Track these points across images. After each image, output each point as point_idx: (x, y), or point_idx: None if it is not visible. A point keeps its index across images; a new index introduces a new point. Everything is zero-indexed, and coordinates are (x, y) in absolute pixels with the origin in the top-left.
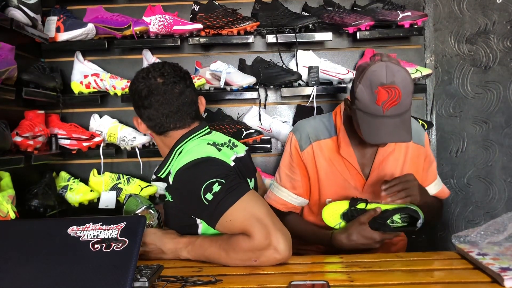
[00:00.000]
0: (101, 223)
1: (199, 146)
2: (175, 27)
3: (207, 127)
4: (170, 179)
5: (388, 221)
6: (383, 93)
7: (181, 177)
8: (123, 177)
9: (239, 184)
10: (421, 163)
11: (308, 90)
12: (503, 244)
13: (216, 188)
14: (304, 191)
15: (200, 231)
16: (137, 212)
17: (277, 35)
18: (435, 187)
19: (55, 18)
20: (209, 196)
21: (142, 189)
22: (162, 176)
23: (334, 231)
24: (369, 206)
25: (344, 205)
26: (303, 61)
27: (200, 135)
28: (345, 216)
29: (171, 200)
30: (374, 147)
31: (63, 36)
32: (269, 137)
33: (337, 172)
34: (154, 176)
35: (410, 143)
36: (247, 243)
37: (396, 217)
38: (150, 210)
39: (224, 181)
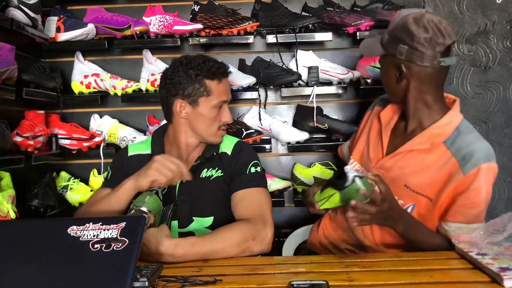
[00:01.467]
0: (101, 223)
1: None
2: (175, 27)
3: None
4: (229, 151)
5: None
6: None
7: (241, 147)
8: None
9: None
10: (452, 185)
11: (308, 90)
12: (503, 244)
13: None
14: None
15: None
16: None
17: (277, 35)
18: (451, 228)
19: (55, 18)
20: (253, 170)
21: None
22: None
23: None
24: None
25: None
26: (303, 61)
27: None
28: (333, 184)
29: (221, 174)
30: (410, 136)
31: (63, 36)
32: (269, 137)
33: (371, 134)
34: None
35: (453, 161)
36: (246, 223)
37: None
38: (143, 209)
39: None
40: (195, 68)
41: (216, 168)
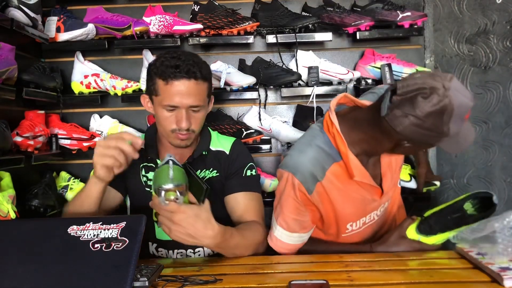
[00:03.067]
0: (101, 222)
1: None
2: (175, 27)
3: None
4: (227, 149)
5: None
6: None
7: (239, 147)
8: None
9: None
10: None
11: (308, 90)
12: (503, 243)
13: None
14: (313, 222)
15: None
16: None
17: (277, 35)
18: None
19: (55, 18)
20: (249, 173)
21: None
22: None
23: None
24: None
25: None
26: (303, 61)
27: None
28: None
29: (216, 175)
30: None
31: (63, 36)
32: (269, 137)
33: (354, 195)
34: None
35: None
36: (261, 226)
37: (468, 206)
38: (177, 192)
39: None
40: (155, 64)
41: (211, 169)
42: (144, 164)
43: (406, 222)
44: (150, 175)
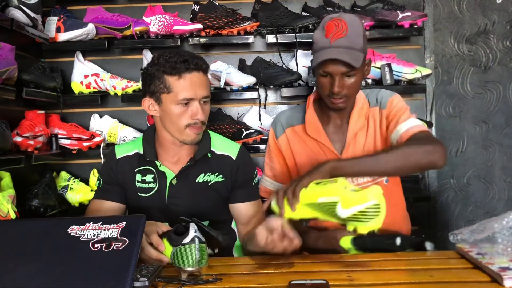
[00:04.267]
0: (101, 222)
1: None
2: (175, 27)
3: None
4: (233, 155)
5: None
6: (331, 25)
7: (246, 155)
8: None
9: None
10: (384, 123)
11: (308, 90)
12: (502, 243)
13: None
14: (284, 178)
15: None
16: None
17: (277, 35)
18: (411, 124)
19: (55, 18)
20: (256, 180)
21: None
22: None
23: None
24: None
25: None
26: (303, 61)
27: None
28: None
29: (222, 180)
30: (345, 122)
31: (63, 36)
32: None
33: (312, 153)
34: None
35: (377, 110)
36: None
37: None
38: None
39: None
40: (158, 64)
41: (217, 173)
42: (139, 168)
43: (341, 232)
44: (148, 177)
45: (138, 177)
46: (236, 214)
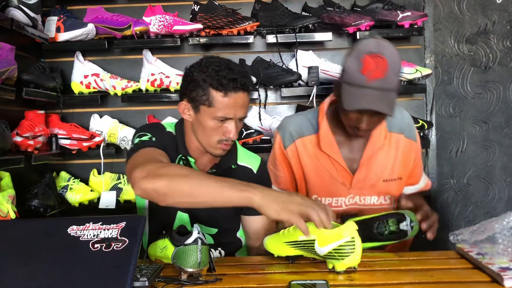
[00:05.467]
0: (101, 222)
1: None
2: (175, 27)
3: None
4: (255, 168)
5: (376, 230)
6: (370, 62)
7: (266, 169)
8: (123, 177)
9: None
10: (413, 158)
11: (308, 90)
12: (503, 243)
13: None
14: (289, 186)
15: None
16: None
17: (277, 35)
18: (423, 181)
19: (55, 18)
20: None
21: None
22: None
23: None
24: (356, 219)
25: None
26: (303, 61)
27: None
28: None
29: None
30: (362, 142)
31: (63, 36)
32: (269, 137)
33: (322, 168)
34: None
35: (402, 137)
36: None
37: (392, 223)
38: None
39: None
40: (206, 73)
41: None
42: (180, 156)
43: None
44: None
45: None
46: (247, 226)
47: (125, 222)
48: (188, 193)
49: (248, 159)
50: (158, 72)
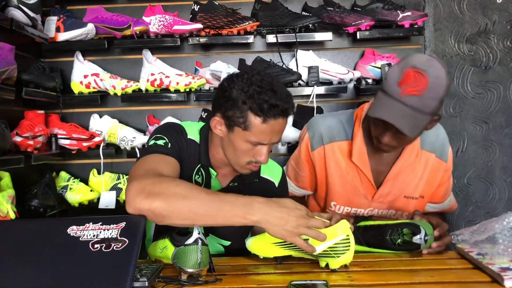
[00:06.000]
0: (101, 223)
1: None
2: (175, 27)
3: None
4: (276, 181)
5: (389, 237)
6: (410, 76)
7: (286, 180)
8: (123, 177)
9: None
10: (439, 178)
11: (308, 90)
12: (503, 244)
13: None
14: (307, 185)
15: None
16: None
17: (277, 35)
18: (449, 202)
19: (55, 18)
20: None
21: None
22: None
23: None
24: (370, 223)
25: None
26: (303, 61)
27: None
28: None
29: None
30: (393, 155)
31: (63, 36)
32: None
33: (347, 177)
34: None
35: (432, 157)
36: None
37: (406, 231)
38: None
39: None
40: (246, 94)
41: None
42: (199, 166)
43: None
44: (197, 177)
45: (198, 172)
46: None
47: (125, 223)
48: (187, 216)
49: (270, 171)
50: (158, 72)
